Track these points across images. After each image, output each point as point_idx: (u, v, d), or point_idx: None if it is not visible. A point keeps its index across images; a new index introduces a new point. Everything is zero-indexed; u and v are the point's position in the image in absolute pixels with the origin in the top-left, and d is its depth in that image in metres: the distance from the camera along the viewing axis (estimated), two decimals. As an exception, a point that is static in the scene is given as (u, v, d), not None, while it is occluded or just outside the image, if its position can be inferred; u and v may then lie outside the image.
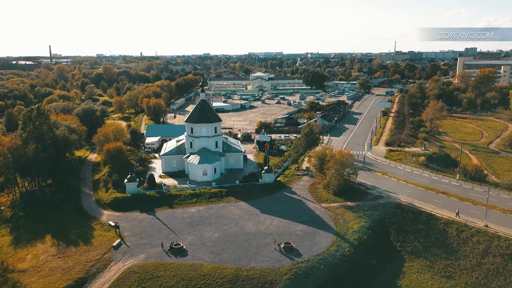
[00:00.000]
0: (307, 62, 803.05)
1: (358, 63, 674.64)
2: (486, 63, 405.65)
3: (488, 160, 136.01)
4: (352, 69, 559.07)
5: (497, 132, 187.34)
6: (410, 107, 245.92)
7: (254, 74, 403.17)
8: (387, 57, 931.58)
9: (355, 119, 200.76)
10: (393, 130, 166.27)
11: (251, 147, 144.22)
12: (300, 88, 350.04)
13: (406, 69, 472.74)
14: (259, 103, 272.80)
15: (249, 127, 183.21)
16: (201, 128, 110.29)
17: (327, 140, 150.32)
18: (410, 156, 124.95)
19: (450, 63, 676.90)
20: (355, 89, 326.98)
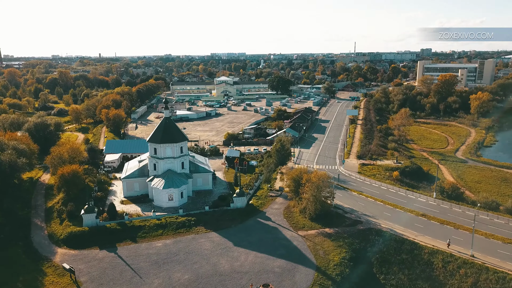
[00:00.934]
0: (271, 64, 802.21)
1: (321, 65, 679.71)
2: (444, 66, 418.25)
3: (458, 171, 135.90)
4: (316, 72, 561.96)
5: (462, 138, 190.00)
6: (376, 113, 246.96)
7: (218, 79, 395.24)
8: (348, 58, 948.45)
9: (323, 128, 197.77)
10: (362, 140, 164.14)
11: (219, 162, 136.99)
12: (265, 93, 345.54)
13: (369, 72, 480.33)
14: (225, 110, 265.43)
15: (216, 139, 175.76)
16: (165, 149, 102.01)
17: (297, 152, 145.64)
18: (383, 170, 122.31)
19: (409, 65, 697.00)
20: (320, 94, 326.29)
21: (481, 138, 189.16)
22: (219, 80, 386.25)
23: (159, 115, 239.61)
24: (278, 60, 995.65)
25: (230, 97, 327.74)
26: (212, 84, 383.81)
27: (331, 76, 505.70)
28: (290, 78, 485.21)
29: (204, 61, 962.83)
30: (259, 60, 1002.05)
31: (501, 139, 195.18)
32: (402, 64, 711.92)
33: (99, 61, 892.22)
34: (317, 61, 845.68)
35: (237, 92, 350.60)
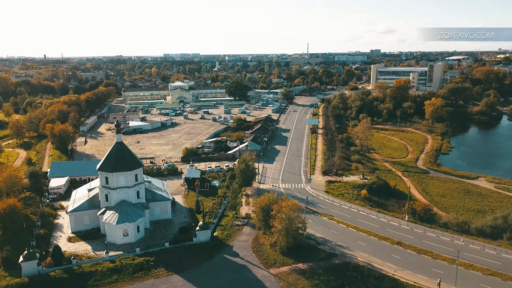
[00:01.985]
0: (226, 66, 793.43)
1: (277, 67, 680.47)
2: (396, 70, 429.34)
3: (422, 184, 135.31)
4: (272, 75, 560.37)
5: (420, 145, 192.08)
6: (335, 119, 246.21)
7: (173, 84, 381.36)
8: (302, 60, 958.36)
9: (284, 138, 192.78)
10: (325, 153, 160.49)
11: (178, 183, 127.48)
12: (223, 99, 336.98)
13: (324, 75, 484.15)
14: (181, 118, 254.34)
15: (173, 154, 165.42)
16: (118, 178, 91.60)
17: (261, 169, 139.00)
18: (350, 188, 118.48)
19: (361, 67, 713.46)
20: (278, 100, 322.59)
21: (438, 145, 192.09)
22: (174, 85, 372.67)
23: (110, 126, 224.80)
24: (233, 62, 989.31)
25: (186, 104, 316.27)
26: (167, 90, 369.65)
27: (287, 80, 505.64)
28: (246, 82, 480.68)
29: (157, 63, 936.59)
30: (213, 62, 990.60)
31: (456, 145, 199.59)
32: (355, 66, 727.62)
33: (44, 63, 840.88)
34: (272, 63, 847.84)
35: (193, 98, 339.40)
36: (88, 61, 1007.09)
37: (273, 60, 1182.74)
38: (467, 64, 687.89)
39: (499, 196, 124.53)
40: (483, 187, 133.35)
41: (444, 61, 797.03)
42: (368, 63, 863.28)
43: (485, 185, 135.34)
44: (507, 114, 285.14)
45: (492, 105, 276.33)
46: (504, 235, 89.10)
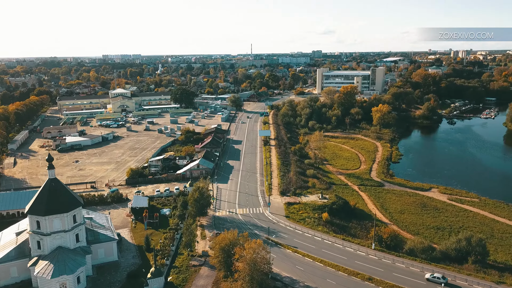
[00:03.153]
0: (169, 69, 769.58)
1: (222, 70, 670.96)
2: (340, 73, 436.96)
3: (380, 199, 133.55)
4: (218, 78, 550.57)
5: (371, 154, 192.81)
6: (285, 128, 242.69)
7: (114, 91, 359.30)
8: (247, 62, 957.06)
9: (237, 152, 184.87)
10: (281, 168, 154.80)
11: (123, 214, 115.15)
12: (168, 106, 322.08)
13: (270, 79, 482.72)
14: (124, 130, 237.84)
15: (117, 175, 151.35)
16: (52, 222, 78.65)
17: (215, 190, 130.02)
18: (311, 210, 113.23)
19: (305, 69, 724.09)
20: (227, 107, 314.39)
21: (388, 153, 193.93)
22: (115, 92, 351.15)
23: (44, 142, 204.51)
24: (176, 64, 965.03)
25: (129, 113, 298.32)
26: (107, 97, 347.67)
27: (234, 84, 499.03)
28: (192, 86, 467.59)
29: (95, 65, 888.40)
30: (156, 64, 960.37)
31: (405, 152, 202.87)
32: (299, 68, 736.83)
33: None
34: (218, 65, 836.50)
35: (136, 106, 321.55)
36: (18, 63, 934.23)
37: (217, 61, 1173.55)
38: (403, 66, 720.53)
39: (453, 209, 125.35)
40: (437, 199, 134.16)
41: (383, 63, 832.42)
42: (312, 65, 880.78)
43: (438, 197, 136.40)
44: (445, 117, 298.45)
45: (433, 109, 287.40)
46: (469, 258, 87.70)
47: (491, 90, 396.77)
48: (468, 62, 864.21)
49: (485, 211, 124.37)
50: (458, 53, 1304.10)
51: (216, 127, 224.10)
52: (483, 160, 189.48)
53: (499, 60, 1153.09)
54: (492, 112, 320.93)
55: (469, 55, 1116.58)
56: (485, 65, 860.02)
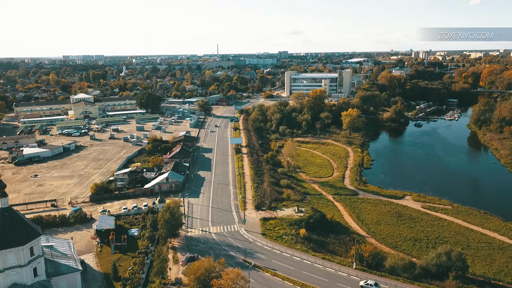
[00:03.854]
0: (134, 71, 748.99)
1: (189, 72, 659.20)
2: (308, 76, 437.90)
3: (355, 209, 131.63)
4: (184, 81, 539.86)
5: (343, 160, 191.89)
6: (256, 134, 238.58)
7: (76, 96, 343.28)
8: (214, 63, 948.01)
9: (208, 161, 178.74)
10: (254, 179, 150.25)
11: (88, 236, 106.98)
12: (134, 112, 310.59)
13: (239, 82, 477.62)
14: (87, 139, 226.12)
15: (80, 191, 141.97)
16: (6, 257, 70.46)
17: (186, 206, 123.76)
18: (287, 226, 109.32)
19: (273, 71, 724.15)
20: (195, 112, 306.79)
21: (360, 158, 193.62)
22: (77, 97, 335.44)
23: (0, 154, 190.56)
24: (141, 65, 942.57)
25: (92, 120, 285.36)
26: (69, 103, 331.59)
27: (201, 87, 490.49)
28: (158, 89, 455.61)
29: (55, 67, 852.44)
30: (120, 66, 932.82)
31: (375, 157, 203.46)
32: (267, 70, 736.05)
33: None
34: (184, 66, 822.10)
35: (100, 112, 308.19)
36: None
37: (183, 62, 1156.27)
38: (368, 67, 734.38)
39: (428, 218, 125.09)
40: (411, 208, 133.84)
41: (348, 64, 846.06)
42: (279, 66, 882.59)
43: (412, 205, 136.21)
44: (412, 119, 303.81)
45: (400, 112, 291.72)
46: (450, 274, 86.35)
47: (453, 92, 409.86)
48: (429, 63, 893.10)
49: (459, 219, 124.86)
50: (419, 54, 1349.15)
51: (184, 134, 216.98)
52: (451, 164, 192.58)
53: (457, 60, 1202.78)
54: (455, 113, 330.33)
55: (429, 55, 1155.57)
56: (444, 66, 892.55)
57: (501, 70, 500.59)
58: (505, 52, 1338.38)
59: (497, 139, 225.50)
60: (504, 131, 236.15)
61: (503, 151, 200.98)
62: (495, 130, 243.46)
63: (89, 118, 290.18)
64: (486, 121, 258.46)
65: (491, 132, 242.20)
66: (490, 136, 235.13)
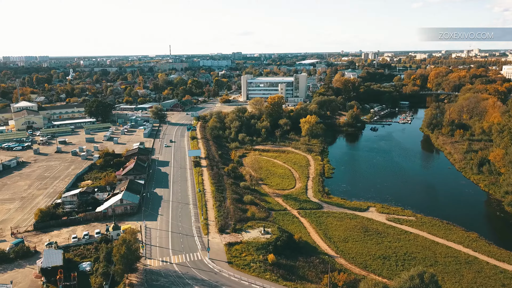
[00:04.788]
0: (82, 74, 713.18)
1: (141, 75, 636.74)
2: (265, 80, 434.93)
3: (321, 225, 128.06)
4: (136, 84, 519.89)
5: (304, 169, 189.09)
6: (215, 142, 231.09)
7: (17, 104, 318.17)
8: (167, 65, 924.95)
9: (165, 177, 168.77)
10: (216, 196, 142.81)
11: (32, 275, 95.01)
12: (83, 121, 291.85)
13: (194, 86, 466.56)
14: (30, 154, 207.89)
15: (23, 217, 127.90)
16: None
17: (143, 232, 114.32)
18: (254, 251, 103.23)
19: (228, 74, 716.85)
20: (149, 120, 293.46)
21: (320, 167, 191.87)
22: (18, 106, 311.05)
23: None
24: (90, 68, 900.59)
25: (37, 131, 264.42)
26: (9, 111, 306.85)
27: (154, 91, 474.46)
28: (109, 95, 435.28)
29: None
30: (67, 68, 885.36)
31: (336, 165, 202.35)
32: (222, 72, 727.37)
33: None
34: (135, 69, 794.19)
35: (45, 121, 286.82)
36: None
37: (135, 63, 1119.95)
38: (322, 69, 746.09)
39: (394, 232, 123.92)
40: (376, 221, 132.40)
41: (302, 66, 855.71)
42: (234, 68, 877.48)
43: (377, 218, 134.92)
44: (368, 123, 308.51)
45: (356, 117, 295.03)
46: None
47: (404, 94, 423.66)
48: (379, 64, 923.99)
49: (424, 231, 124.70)
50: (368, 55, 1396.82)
51: (138, 146, 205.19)
52: (409, 170, 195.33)
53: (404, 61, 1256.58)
54: (408, 116, 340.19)
55: (377, 56, 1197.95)
56: (393, 67, 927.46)
57: (447, 72, 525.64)
58: (447, 53, 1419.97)
59: (449, 143, 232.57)
60: (455, 135, 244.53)
61: (456, 156, 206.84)
62: (446, 133, 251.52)
63: (33, 129, 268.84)
64: (438, 124, 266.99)
65: (443, 136, 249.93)
66: (442, 140, 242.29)
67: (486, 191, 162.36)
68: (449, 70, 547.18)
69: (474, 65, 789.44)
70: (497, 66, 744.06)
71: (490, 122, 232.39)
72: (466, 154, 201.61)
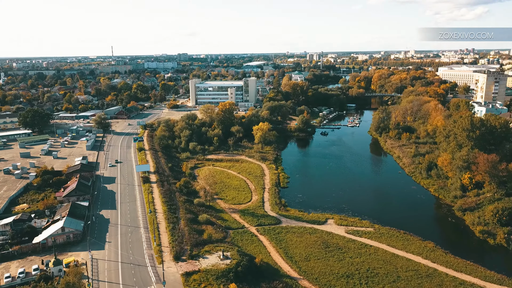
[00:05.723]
0: (15, 78, 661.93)
1: (81, 80, 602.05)
2: (214, 84, 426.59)
3: (281, 243, 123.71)
4: (77, 90, 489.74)
5: (259, 180, 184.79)
6: (164, 153, 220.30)
7: None
8: (110, 68, 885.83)
9: (111, 196, 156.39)
10: (169, 217, 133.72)
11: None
12: (17, 133, 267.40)
13: (139, 91, 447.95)
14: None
15: None
16: None
17: (89, 266, 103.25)
18: (215, 281, 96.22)
19: (175, 76, 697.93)
20: (92, 130, 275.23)
21: (276, 177, 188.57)
22: None
23: None
24: (24, 71, 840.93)
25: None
26: None
27: (97, 97, 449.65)
28: (46, 102, 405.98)
29: None
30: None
31: (290, 173, 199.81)
32: (168, 75, 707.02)
33: None
34: (75, 73, 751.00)
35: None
36: None
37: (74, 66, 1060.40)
38: (269, 72, 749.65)
39: (354, 246, 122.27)
40: (336, 234, 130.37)
41: (250, 68, 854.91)
42: (180, 71, 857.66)
43: (336, 231, 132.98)
44: (318, 127, 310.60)
45: (307, 122, 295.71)
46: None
47: (350, 97, 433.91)
48: (324, 66, 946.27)
49: (383, 243, 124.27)
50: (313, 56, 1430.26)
51: (81, 161, 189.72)
52: (362, 176, 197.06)
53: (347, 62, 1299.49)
54: (356, 119, 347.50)
55: (322, 58, 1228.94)
56: (337, 69, 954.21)
57: (389, 74, 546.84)
58: (386, 54, 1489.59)
59: (397, 146, 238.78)
60: (402, 138, 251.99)
61: (405, 160, 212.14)
62: (394, 136, 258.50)
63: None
64: (385, 128, 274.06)
65: (391, 139, 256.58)
66: (391, 143, 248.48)
67: (436, 196, 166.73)
68: (391, 72, 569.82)
69: (412, 66, 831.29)
70: (432, 67, 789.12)
71: (434, 125, 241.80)
72: (414, 158, 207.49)
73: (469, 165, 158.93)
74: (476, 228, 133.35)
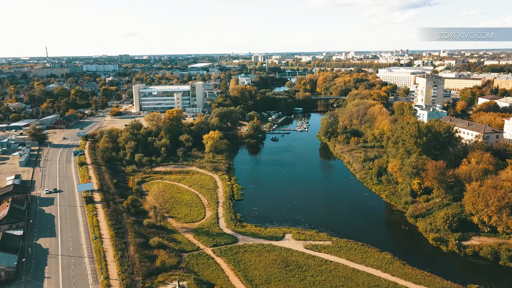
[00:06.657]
0: None
1: (12, 85, 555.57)
2: (159, 90, 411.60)
3: (240, 265, 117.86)
4: (7, 97, 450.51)
5: (212, 193, 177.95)
6: (108, 168, 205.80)
7: None
8: (45, 71, 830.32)
9: (50, 221, 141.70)
10: (116, 243, 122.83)
11: None
12: None
13: (78, 97, 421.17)
14: None
15: None
16: None
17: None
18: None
19: (116, 80, 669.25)
20: (26, 142, 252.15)
21: (229, 189, 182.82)
22: None
23: None
24: None
25: None
26: None
27: (30, 104, 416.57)
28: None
29: None
30: None
31: (244, 184, 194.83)
32: (109, 79, 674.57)
33: None
34: (5, 77, 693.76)
35: None
36: None
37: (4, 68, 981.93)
38: (216, 74, 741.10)
39: (315, 262, 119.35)
40: (295, 251, 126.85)
41: (195, 71, 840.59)
42: (122, 74, 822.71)
43: (295, 247, 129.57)
44: (268, 133, 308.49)
45: (257, 128, 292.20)
46: None
47: (297, 101, 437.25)
48: (269, 68, 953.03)
49: (342, 257, 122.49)
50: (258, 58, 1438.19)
51: (13, 181, 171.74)
52: (314, 184, 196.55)
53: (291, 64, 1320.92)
54: (304, 123, 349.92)
55: (267, 59, 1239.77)
56: (282, 70, 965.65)
57: (333, 77, 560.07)
58: (328, 55, 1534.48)
59: (347, 151, 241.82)
60: (350, 142, 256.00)
61: (355, 165, 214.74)
62: (343, 141, 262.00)
63: None
64: (333, 132, 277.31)
65: (340, 144, 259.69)
66: (340, 148, 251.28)
67: (388, 202, 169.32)
68: (335, 75, 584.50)
69: (354, 68, 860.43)
70: (372, 68, 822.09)
71: (380, 129, 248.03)
72: (364, 163, 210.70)
73: (418, 171, 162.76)
74: (429, 235, 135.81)
